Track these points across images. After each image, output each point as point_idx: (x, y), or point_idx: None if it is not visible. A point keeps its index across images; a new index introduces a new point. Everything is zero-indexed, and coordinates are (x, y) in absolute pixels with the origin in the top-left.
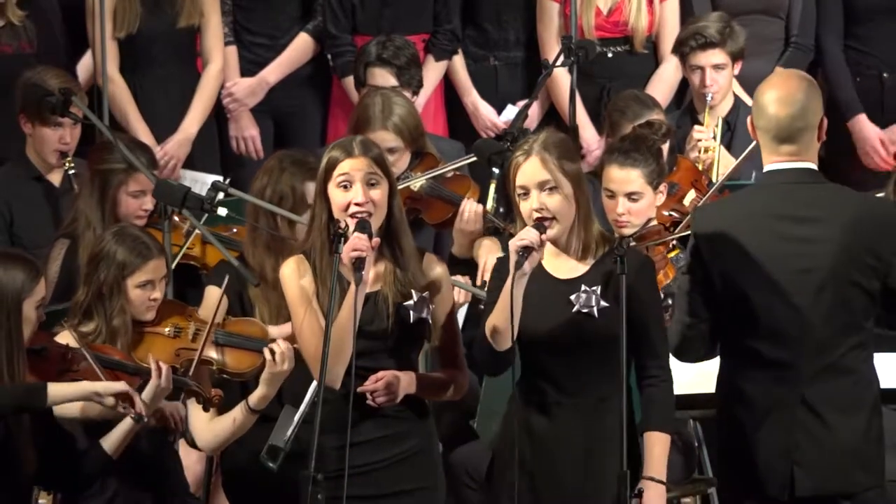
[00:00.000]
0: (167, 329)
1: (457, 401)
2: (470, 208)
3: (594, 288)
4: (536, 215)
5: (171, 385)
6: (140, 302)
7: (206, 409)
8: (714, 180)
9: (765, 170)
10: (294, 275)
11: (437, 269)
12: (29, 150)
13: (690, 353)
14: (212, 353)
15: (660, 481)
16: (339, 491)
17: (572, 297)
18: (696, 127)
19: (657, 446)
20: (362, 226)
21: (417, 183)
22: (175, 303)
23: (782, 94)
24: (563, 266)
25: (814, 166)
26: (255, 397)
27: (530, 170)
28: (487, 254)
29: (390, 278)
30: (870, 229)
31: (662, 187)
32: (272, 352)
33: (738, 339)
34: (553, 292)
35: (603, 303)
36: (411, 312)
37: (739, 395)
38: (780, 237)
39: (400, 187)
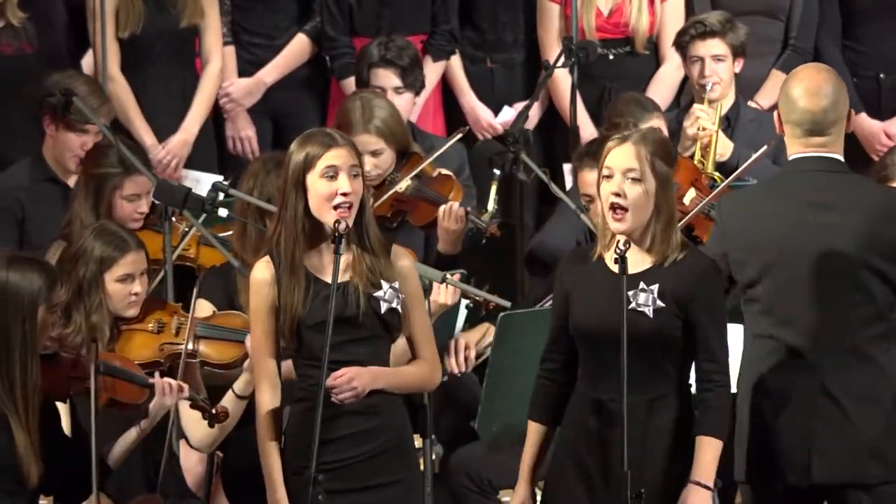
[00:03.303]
0: (150, 325)
1: (457, 401)
2: (451, 209)
3: (652, 287)
4: (612, 199)
5: (173, 401)
6: (120, 297)
7: (211, 426)
8: (711, 167)
9: (790, 158)
10: (264, 283)
11: (404, 261)
12: (46, 151)
13: None
14: (195, 346)
15: (706, 486)
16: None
17: (630, 294)
18: (697, 105)
19: (708, 451)
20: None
21: (404, 184)
22: (157, 299)
23: (812, 86)
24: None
25: (840, 157)
26: (240, 383)
27: (621, 154)
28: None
29: (360, 268)
30: (892, 221)
31: None
32: None
33: (758, 326)
34: (611, 288)
35: (659, 303)
36: (382, 303)
37: (760, 383)
38: (801, 223)
39: (390, 191)
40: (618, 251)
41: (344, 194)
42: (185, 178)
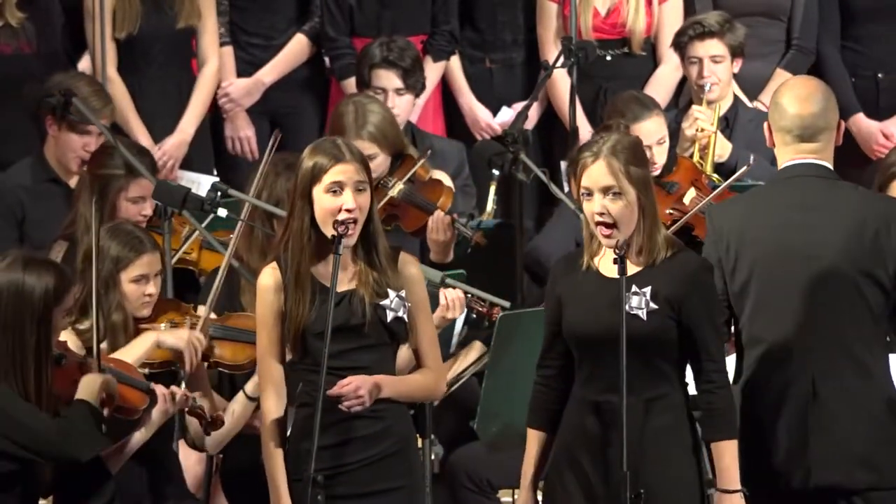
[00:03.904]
0: (163, 325)
1: (457, 401)
2: (437, 219)
3: (644, 290)
4: (598, 219)
5: (176, 409)
6: (135, 297)
7: (207, 433)
8: (710, 168)
9: (781, 167)
10: (270, 290)
11: (411, 269)
12: (48, 151)
13: None
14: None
15: (733, 490)
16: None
17: None
18: (695, 106)
19: (726, 455)
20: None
21: (396, 189)
22: (170, 300)
23: (802, 93)
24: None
25: (829, 165)
26: (251, 384)
27: (596, 173)
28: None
29: (366, 278)
30: (881, 226)
31: None
32: None
33: (749, 330)
34: (603, 292)
35: (652, 305)
36: (388, 312)
37: (752, 386)
38: (789, 225)
39: (385, 198)
40: (617, 251)
41: (348, 210)
42: (181, 180)
